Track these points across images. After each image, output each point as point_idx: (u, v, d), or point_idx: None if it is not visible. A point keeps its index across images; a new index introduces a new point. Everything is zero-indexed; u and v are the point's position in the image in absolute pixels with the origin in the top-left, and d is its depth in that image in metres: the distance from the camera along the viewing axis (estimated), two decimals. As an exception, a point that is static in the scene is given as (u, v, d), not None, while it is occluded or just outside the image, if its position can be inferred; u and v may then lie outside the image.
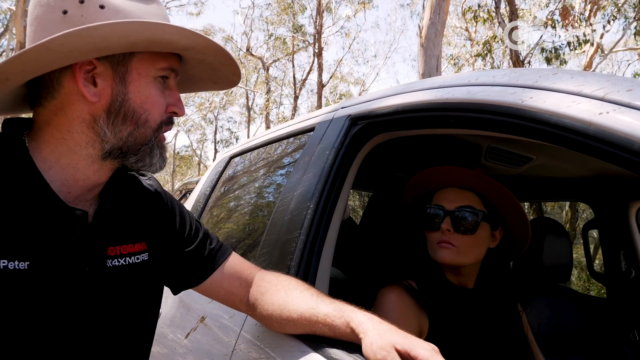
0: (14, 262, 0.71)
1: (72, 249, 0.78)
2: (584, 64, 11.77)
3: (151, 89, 0.80)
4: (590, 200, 2.23)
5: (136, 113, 0.79)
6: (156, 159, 0.84)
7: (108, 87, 0.77)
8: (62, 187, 0.79)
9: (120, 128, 0.79)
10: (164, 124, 0.84)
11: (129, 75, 0.78)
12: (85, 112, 0.77)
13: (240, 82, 13.15)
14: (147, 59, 0.79)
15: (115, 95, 0.77)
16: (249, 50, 21.92)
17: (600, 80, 0.72)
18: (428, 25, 5.89)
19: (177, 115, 0.86)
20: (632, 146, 0.59)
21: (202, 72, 0.92)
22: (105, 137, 0.78)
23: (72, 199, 0.80)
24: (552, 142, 0.73)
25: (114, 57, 0.77)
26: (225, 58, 0.86)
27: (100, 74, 0.77)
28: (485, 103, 0.87)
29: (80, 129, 0.78)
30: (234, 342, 1.19)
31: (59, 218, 0.77)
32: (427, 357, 0.71)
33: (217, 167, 2.27)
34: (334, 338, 0.87)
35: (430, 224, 1.27)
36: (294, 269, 1.13)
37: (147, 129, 0.81)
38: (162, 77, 0.82)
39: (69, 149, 0.78)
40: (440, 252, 1.23)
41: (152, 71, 0.80)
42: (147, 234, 0.93)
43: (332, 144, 1.28)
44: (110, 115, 0.78)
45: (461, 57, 16.27)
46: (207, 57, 0.86)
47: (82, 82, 0.75)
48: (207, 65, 0.89)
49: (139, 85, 0.79)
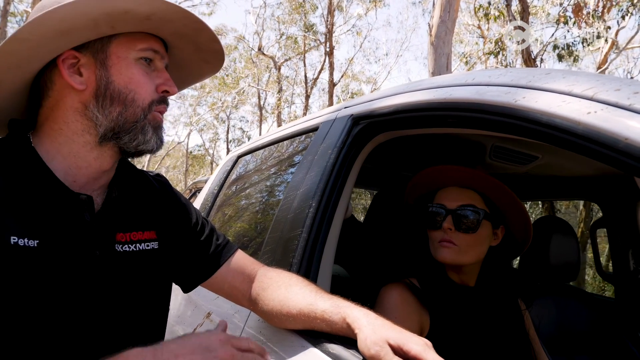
0: (23, 239, 0.75)
1: (81, 233, 0.82)
2: (599, 61, 11.64)
3: (132, 69, 0.85)
4: (599, 199, 2.22)
5: (122, 93, 0.84)
6: (149, 136, 0.87)
7: (92, 75, 0.83)
8: (67, 176, 0.84)
9: (110, 110, 0.84)
10: (156, 103, 0.88)
11: (108, 60, 0.84)
12: (77, 101, 0.83)
13: (252, 82, 13.13)
14: (124, 42, 0.85)
15: (99, 80, 0.83)
16: (260, 49, 22.00)
17: (591, 80, 0.73)
18: (438, 23, 5.87)
19: (169, 94, 0.90)
20: (618, 145, 0.60)
21: (188, 52, 0.96)
22: (97, 120, 0.84)
23: (77, 187, 0.85)
24: (544, 141, 0.75)
25: (94, 47, 0.83)
26: (193, 22, 0.89)
27: (83, 65, 0.83)
28: (480, 103, 0.88)
29: (74, 118, 0.84)
30: (239, 334, 1.21)
31: (65, 203, 0.82)
32: (419, 352, 0.72)
33: (225, 166, 2.30)
34: (331, 333, 0.89)
35: (432, 223, 1.28)
36: (296, 266, 1.15)
37: (135, 108, 0.85)
38: (146, 59, 0.87)
39: (67, 138, 0.84)
40: (442, 251, 1.24)
41: (131, 53, 0.85)
42: (156, 224, 0.97)
43: (334, 143, 1.29)
44: (99, 99, 0.83)
45: (473, 55, 16.16)
46: (177, 26, 0.88)
47: (67, 73, 0.82)
48: (186, 39, 0.92)
49: (120, 67, 0.84)
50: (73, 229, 0.82)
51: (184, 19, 0.88)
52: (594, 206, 6.14)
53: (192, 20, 0.89)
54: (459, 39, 18.61)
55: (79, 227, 0.82)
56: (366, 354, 0.76)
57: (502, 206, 1.29)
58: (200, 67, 1.02)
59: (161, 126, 0.91)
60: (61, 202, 0.81)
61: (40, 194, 0.80)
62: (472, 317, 1.25)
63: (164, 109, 0.90)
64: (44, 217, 0.79)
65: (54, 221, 0.80)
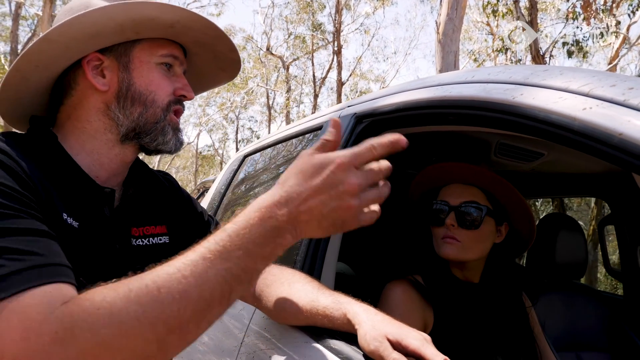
0: (70, 218, 0.79)
1: (102, 227, 0.86)
2: (610, 57, 11.51)
3: (153, 72, 0.89)
4: (606, 196, 2.20)
5: (142, 95, 0.88)
6: (169, 137, 0.92)
7: (114, 77, 0.87)
8: (91, 172, 0.87)
9: (131, 110, 0.88)
10: (173, 104, 0.91)
11: (131, 63, 0.88)
12: (100, 101, 0.87)
13: (261, 82, 13.26)
14: (147, 47, 0.89)
15: (121, 82, 0.87)
16: (269, 49, 22.05)
17: (587, 76, 0.73)
18: (445, 21, 5.85)
19: (186, 99, 0.94)
20: (612, 140, 0.61)
21: (207, 60, 1.00)
22: (119, 120, 0.88)
23: (100, 182, 0.88)
24: (541, 137, 0.75)
25: (117, 50, 0.87)
26: (214, 30, 0.93)
27: (107, 67, 0.87)
28: (480, 100, 0.89)
29: (97, 117, 0.88)
30: (243, 333, 1.23)
31: (91, 195, 0.85)
32: (418, 347, 0.73)
33: (232, 166, 2.32)
34: (333, 329, 0.90)
35: (435, 220, 1.29)
36: (300, 263, 1.17)
37: (156, 109, 0.89)
38: (166, 64, 0.91)
39: (90, 136, 0.88)
40: (445, 248, 1.25)
41: (153, 58, 0.89)
42: (167, 219, 1.01)
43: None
44: (120, 99, 0.87)
45: (482, 53, 16.07)
46: (198, 34, 0.93)
47: (91, 75, 0.86)
48: (206, 47, 0.97)
49: (142, 70, 0.88)
50: (96, 222, 0.85)
51: (205, 28, 0.92)
52: (605, 204, 6.09)
53: (213, 29, 0.93)
54: (467, 36, 18.52)
55: (100, 221, 0.86)
56: (366, 349, 0.77)
57: (505, 203, 1.29)
58: (217, 75, 1.06)
59: (179, 128, 0.95)
60: (88, 194, 0.85)
61: (70, 184, 0.83)
62: (475, 313, 1.25)
63: (181, 110, 0.94)
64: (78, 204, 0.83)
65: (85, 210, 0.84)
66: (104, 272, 0.83)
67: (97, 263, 0.83)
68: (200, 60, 1.00)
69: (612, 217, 2.20)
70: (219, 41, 0.96)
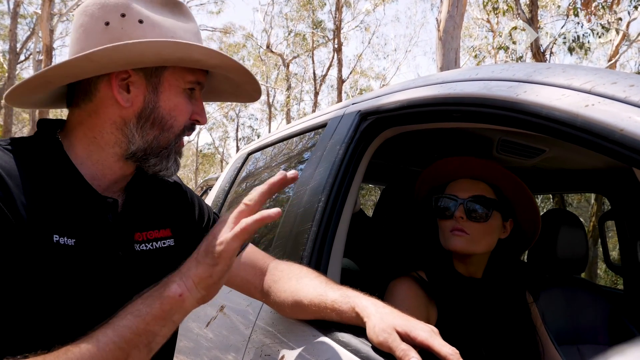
0: (63, 237, 0.79)
1: (105, 234, 0.86)
2: (610, 53, 11.51)
3: (180, 98, 0.89)
4: (607, 192, 2.22)
5: (164, 119, 0.87)
6: (171, 162, 0.92)
7: (140, 95, 0.86)
8: (93, 181, 0.87)
9: (148, 132, 0.87)
10: (186, 129, 0.92)
11: (160, 86, 0.87)
12: (117, 115, 0.86)
13: (261, 79, 13.37)
14: (178, 72, 0.88)
15: (147, 102, 0.86)
16: (269, 47, 22.04)
17: (589, 73, 0.75)
18: (446, 18, 5.86)
19: (200, 124, 0.94)
20: (614, 136, 0.63)
21: (226, 85, 1.01)
22: (133, 139, 0.87)
23: (101, 190, 0.88)
24: (545, 133, 0.77)
25: (148, 69, 0.85)
26: (248, 77, 0.95)
27: (134, 83, 0.85)
28: (484, 97, 0.91)
29: (110, 130, 0.86)
30: (250, 329, 1.25)
31: (93, 205, 0.85)
32: (426, 338, 0.75)
33: (236, 164, 2.34)
34: (341, 322, 0.92)
35: (444, 213, 1.30)
36: (306, 259, 1.18)
37: (170, 134, 0.89)
38: (190, 88, 0.90)
39: (99, 147, 0.87)
40: (453, 240, 1.27)
41: (181, 83, 0.88)
42: (171, 222, 1.01)
43: (342, 139, 1.32)
44: (141, 120, 0.86)
45: (483, 50, 16.06)
46: (232, 74, 0.94)
47: (117, 89, 0.84)
48: (231, 81, 0.98)
49: (170, 95, 0.87)
50: (99, 230, 0.85)
51: (241, 74, 0.94)
52: (605, 200, 6.11)
53: (247, 75, 0.94)
54: (468, 34, 18.51)
55: (104, 228, 0.86)
56: (374, 341, 0.79)
57: (512, 198, 1.31)
58: (228, 97, 1.07)
59: (181, 152, 0.95)
60: (90, 204, 0.85)
61: (71, 195, 0.83)
62: (479, 309, 1.27)
63: (190, 135, 0.95)
64: (77, 217, 0.83)
65: (85, 222, 0.84)
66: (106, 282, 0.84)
67: (98, 275, 0.83)
68: (219, 84, 1.00)
69: (612, 212, 2.22)
70: (246, 83, 0.98)
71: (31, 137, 0.88)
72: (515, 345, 1.28)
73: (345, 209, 1.25)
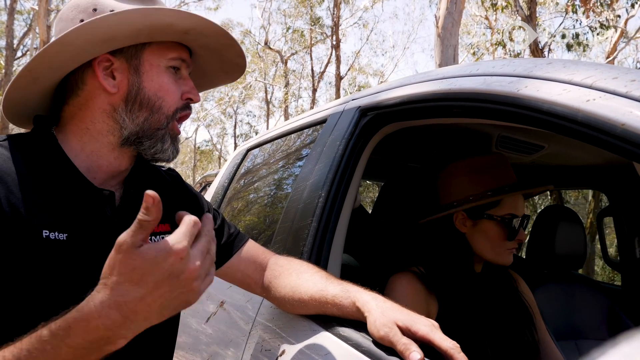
0: (54, 232, 0.79)
1: (103, 227, 0.86)
2: (608, 50, 11.52)
3: (163, 77, 0.89)
4: (605, 188, 2.23)
5: (151, 100, 0.88)
6: (167, 145, 0.91)
7: (125, 79, 0.87)
8: (88, 173, 0.87)
9: (137, 115, 0.88)
10: (180, 110, 0.92)
11: (141, 66, 0.87)
12: (106, 103, 0.87)
13: (259, 76, 13.34)
14: (157, 50, 0.88)
15: (131, 85, 0.87)
16: (267, 43, 22.00)
17: (590, 68, 0.75)
18: (445, 15, 5.85)
19: (193, 102, 0.94)
20: (615, 130, 0.63)
21: (211, 62, 1.00)
22: (124, 123, 0.87)
23: (97, 184, 0.88)
24: (546, 128, 0.77)
25: (128, 52, 0.86)
26: (226, 38, 0.94)
27: (117, 69, 0.86)
28: (485, 92, 0.91)
29: (101, 119, 0.87)
30: (250, 324, 1.25)
31: (89, 198, 0.85)
32: (427, 332, 0.75)
33: (235, 160, 2.34)
34: (342, 317, 0.92)
35: (511, 233, 1.29)
36: (307, 254, 1.18)
37: (160, 115, 0.89)
38: (174, 67, 0.91)
39: (92, 138, 0.87)
40: (509, 257, 1.30)
41: (162, 61, 0.89)
42: (170, 217, 1.00)
43: (342, 134, 1.32)
44: (128, 103, 0.87)
45: (481, 46, 16.06)
46: (210, 40, 0.93)
47: (102, 76, 0.85)
48: (213, 52, 0.97)
49: (152, 74, 0.88)
50: (96, 223, 0.85)
51: (218, 36, 0.93)
52: (602, 197, 6.13)
53: (225, 37, 0.94)
54: (466, 30, 18.49)
55: (101, 221, 0.86)
56: (376, 336, 0.79)
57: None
58: (219, 76, 1.07)
59: (178, 137, 0.95)
60: (86, 197, 0.85)
61: (66, 189, 0.83)
62: (478, 302, 1.28)
63: (189, 114, 0.95)
64: (71, 211, 0.83)
65: (79, 215, 0.84)
66: None
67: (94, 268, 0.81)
68: (205, 62, 1.00)
69: (610, 208, 2.23)
70: (228, 48, 0.97)
71: (27, 134, 0.89)
72: (514, 339, 1.29)
73: (345, 205, 1.25)
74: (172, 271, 0.62)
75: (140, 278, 0.61)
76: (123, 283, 0.61)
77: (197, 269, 0.64)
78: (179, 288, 0.63)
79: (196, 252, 0.65)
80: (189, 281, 0.64)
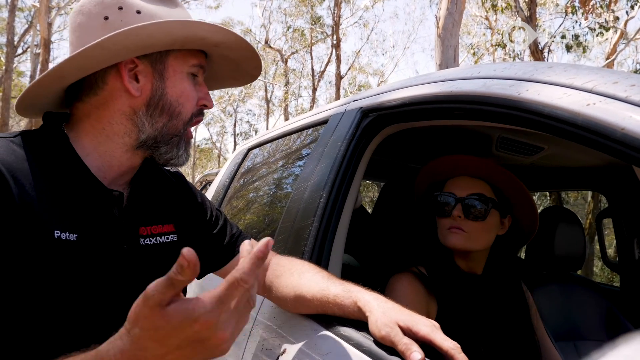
0: (65, 232, 0.79)
1: (110, 227, 0.86)
2: (608, 52, 11.53)
3: (185, 84, 0.90)
4: (604, 190, 2.24)
5: (172, 106, 0.88)
6: (182, 150, 0.93)
7: (148, 83, 0.87)
8: (99, 173, 0.87)
9: (157, 119, 0.88)
10: (194, 116, 0.93)
11: (166, 71, 0.88)
12: (127, 105, 0.87)
13: (259, 75, 13.42)
14: (181, 57, 0.89)
15: (155, 89, 0.87)
16: (267, 42, 22.00)
17: (590, 73, 0.76)
18: (445, 15, 5.86)
19: (207, 108, 0.95)
20: (615, 134, 0.64)
21: (225, 69, 1.01)
22: (143, 127, 0.88)
23: (107, 183, 0.88)
24: (546, 131, 0.78)
25: (152, 56, 0.87)
26: (250, 52, 0.96)
27: (141, 72, 0.86)
28: (486, 95, 0.92)
29: (120, 120, 0.87)
30: (251, 324, 1.26)
31: (99, 198, 0.86)
32: (428, 333, 0.76)
33: (236, 159, 2.34)
34: (343, 317, 0.93)
35: (442, 211, 1.31)
36: (308, 254, 1.19)
37: (179, 121, 0.90)
38: (192, 74, 0.91)
39: (107, 138, 0.87)
40: (451, 237, 1.28)
41: (185, 68, 0.90)
42: (174, 217, 1.01)
43: (344, 135, 1.33)
44: (150, 107, 0.87)
45: (481, 47, 16.06)
46: (233, 53, 0.95)
47: (127, 79, 0.85)
48: (231, 61, 0.98)
49: (175, 80, 0.88)
50: (104, 224, 0.85)
51: (243, 50, 0.94)
52: (601, 198, 6.14)
53: (249, 50, 0.95)
54: (466, 31, 18.50)
55: (109, 222, 0.86)
56: (377, 336, 0.80)
57: (510, 196, 1.32)
58: (229, 81, 1.08)
59: (190, 142, 0.96)
60: (95, 197, 0.85)
61: (76, 188, 0.83)
62: (478, 304, 1.28)
63: (201, 120, 0.96)
64: (80, 211, 0.83)
65: (88, 216, 0.84)
66: (111, 276, 0.84)
67: (103, 269, 0.83)
68: (218, 67, 1.01)
69: (609, 210, 2.24)
70: (247, 60, 0.98)
71: (37, 130, 0.88)
72: (513, 341, 1.30)
73: (346, 205, 1.26)
74: (198, 338, 0.59)
75: (162, 338, 0.59)
76: (145, 339, 0.59)
77: (226, 336, 0.60)
78: (204, 351, 0.61)
79: (229, 317, 0.60)
80: (215, 346, 0.61)
